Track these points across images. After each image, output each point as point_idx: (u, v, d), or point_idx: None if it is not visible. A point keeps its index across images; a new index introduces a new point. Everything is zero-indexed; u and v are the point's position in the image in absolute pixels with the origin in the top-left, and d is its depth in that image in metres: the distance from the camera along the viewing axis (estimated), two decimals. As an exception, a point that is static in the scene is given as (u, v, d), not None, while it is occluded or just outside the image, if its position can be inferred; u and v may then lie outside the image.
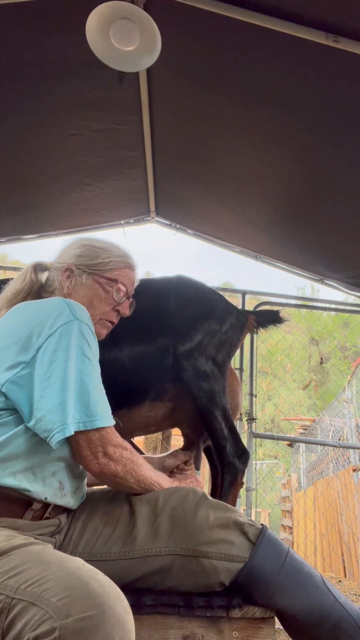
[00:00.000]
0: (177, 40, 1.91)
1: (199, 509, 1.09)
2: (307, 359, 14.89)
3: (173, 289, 1.80)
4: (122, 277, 1.30)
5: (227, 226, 3.48)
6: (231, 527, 1.08)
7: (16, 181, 2.82)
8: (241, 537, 1.07)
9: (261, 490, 8.57)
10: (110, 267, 1.29)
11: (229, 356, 1.82)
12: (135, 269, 1.36)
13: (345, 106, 1.95)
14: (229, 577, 1.05)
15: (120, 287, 1.28)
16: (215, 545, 1.05)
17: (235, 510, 1.14)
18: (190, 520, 1.07)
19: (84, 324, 1.08)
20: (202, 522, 1.07)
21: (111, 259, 1.30)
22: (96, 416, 1.01)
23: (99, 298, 1.26)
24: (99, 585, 0.74)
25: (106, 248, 1.31)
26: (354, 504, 5.30)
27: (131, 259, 1.35)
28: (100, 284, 1.27)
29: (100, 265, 1.28)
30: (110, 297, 1.27)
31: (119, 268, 1.30)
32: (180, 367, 1.65)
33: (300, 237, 3.06)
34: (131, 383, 1.64)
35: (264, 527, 1.11)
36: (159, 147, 2.77)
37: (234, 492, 1.63)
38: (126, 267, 1.32)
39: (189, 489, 1.15)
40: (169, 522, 1.08)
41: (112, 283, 1.27)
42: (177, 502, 1.10)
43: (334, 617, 1.03)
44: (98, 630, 0.69)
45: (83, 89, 2.23)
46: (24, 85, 2.14)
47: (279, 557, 1.07)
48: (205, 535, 1.05)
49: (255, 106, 2.17)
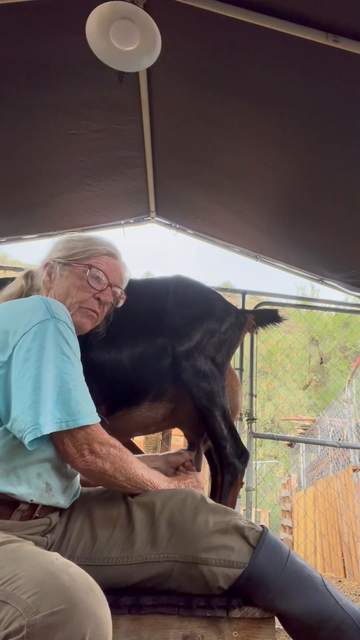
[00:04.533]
0: (177, 40, 1.91)
1: (198, 514, 1.08)
2: (307, 359, 14.89)
3: (172, 289, 1.79)
4: (100, 264, 1.26)
5: (227, 226, 3.48)
6: (231, 531, 1.07)
7: (16, 181, 2.82)
8: (241, 542, 1.06)
9: (261, 490, 8.57)
10: (87, 255, 1.26)
11: (229, 356, 1.82)
12: (117, 257, 1.32)
13: (346, 106, 1.95)
14: (229, 583, 1.05)
15: (95, 272, 1.25)
16: (214, 552, 1.04)
17: (235, 513, 1.13)
18: (189, 526, 1.06)
19: (62, 321, 1.06)
20: (201, 527, 1.06)
21: (88, 247, 1.27)
22: (79, 414, 0.99)
23: (75, 286, 1.23)
24: (69, 579, 0.73)
25: (85, 239, 1.30)
26: (354, 504, 5.30)
27: (112, 247, 1.32)
28: (77, 272, 1.24)
29: (76, 255, 1.26)
30: (87, 284, 1.23)
31: (96, 255, 1.27)
32: (179, 367, 1.64)
33: (300, 237, 3.06)
34: (130, 383, 1.64)
35: (265, 530, 1.10)
36: (159, 147, 2.77)
37: (234, 492, 1.63)
38: (106, 255, 1.29)
39: (187, 492, 1.13)
40: (167, 527, 1.07)
41: (86, 269, 1.24)
42: (175, 507, 1.09)
43: (334, 620, 1.03)
44: (67, 625, 0.68)
45: (83, 89, 2.23)
46: (24, 85, 2.14)
47: (280, 560, 1.06)
48: (205, 541, 1.04)
49: (255, 106, 2.17)
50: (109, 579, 1.06)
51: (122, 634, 1.03)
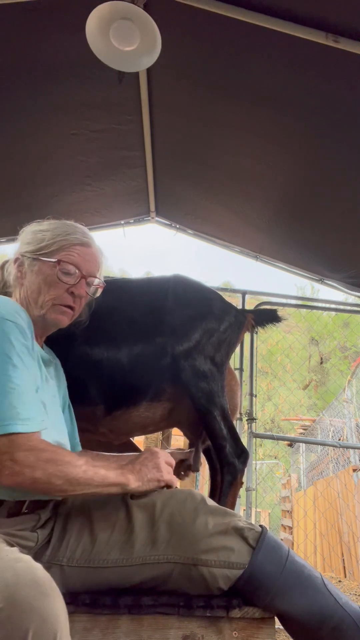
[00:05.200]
0: (177, 40, 1.91)
1: (198, 516, 1.07)
2: (307, 359, 14.88)
3: (170, 288, 1.79)
4: (70, 256, 1.20)
5: (227, 226, 3.48)
6: (230, 532, 1.06)
7: (16, 181, 2.82)
8: (241, 543, 1.06)
9: (261, 490, 8.57)
10: (56, 248, 1.20)
11: (228, 355, 1.82)
12: (90, 245, 1.25)
13: (345, 106, 1.95)
14: (229, 584, 1.05)
15: (66, 267, 1.19)
16: (214, 553, 1.04)
17: (235, 514, 1.12)
18: (189, 528, 1.05)
19: (8, 321, 1.03)
20: (201, 529, 1.05)
21: (55, 239, 1.21)
22: (10, 419, 0.93)
23: (46, 282, 1.18)
24: (13, 575, 0.72)
25: (51, 229, 1.24)
26: (354, 504, 5.30)
27: (83, 234, 1.25)
28: (46, 268, 1.19)
29: (44, 248, 1.20)
30: (58, 279, 1.18)
31: (65, 247, 1.21)
32: (178, 367, 1.64)
33: (300, 237, 3.06)
34: (129, 383, 1.64)
35: (264, 530, 1.09)
36: (159, 147, 2.77)
37: (234, 492, 1.63)
38: (76, 245, 1.23)
39: (186, 493, 1.12)
40: (167, 529, 1.07)
41: (55, 265, 1.18)
42: (175, 508, 1.09)
43: (334, 619, 1.03)
44: (7, 623, 0.67)
45: (83, 89, 2.23)
46: (24, 85, 2.14)
47: (279, 561, 1.06)
48: (204, 543, 1.04)
49: (255, 106, 2.17)
50: (109, 580, 1.06)
51: (122, 634, 1.03)
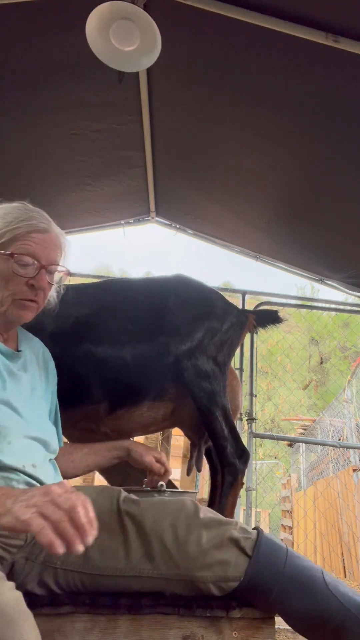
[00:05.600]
0: (177, 40, 1.91)
1: (191, 532, 1.03)
2: (307, 359, 14.88)
3: (172, 288, 1.79)
4: (26, 246, 1.11)
5: (227, 226, 3.48)
6: (226, 544, 1.03)
7: (16, 181, 2.82)
8: (237, 553, 1.03)
9: (261, 490, 8.57)
10: (8, 238, 1.11)
11: (230, 356, 1.82)
12: (47, 230, 1.15)
13: (345, 106, 1.95)
14: (225, 592, 1.04)
15: (21, 259, 1.10)
16: (210, 569, 1.01)
17: (230, 522, 1.08)
18: (182, 546, 1.02)
19: None
20: (194, 547, 1.02)
21: (7, 228, 1.11)
22: None
23: (3, 278, 1.10)
24: None
25: (1, 216, 1.14)
26: (354, 504, 5.30)
27: (37, 219, 1.15)
28: (1, 262, 1.10)
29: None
30: (14, 273, 1.09)
31: (20, 236, 1.11)
32: (180, 367, 1.64)
33: (300, 237, 3.06)
34: (132, 382, 1.64)
35: (260, 537, 1.05)
36: (159, 147, 2.77)
37: (234, 492, 1.63)
38: (31, 232, 1.12)
39: (179, 506, 1.08)
40: (160, 545, 1.04)
41: (10, 259, 1.10)
42: (167, 524, 1.05)
43: (336, 619, 1.02)
44: None
45: (83, 89, 2.23)
46: (24, 85, 2.14)
47: (277, 567, 1.03)
48: (199, 561, 1.01)
49: (255, 106, 2.17)
50: (107, 586, 1.05)
51: (122, 634, 1.03)
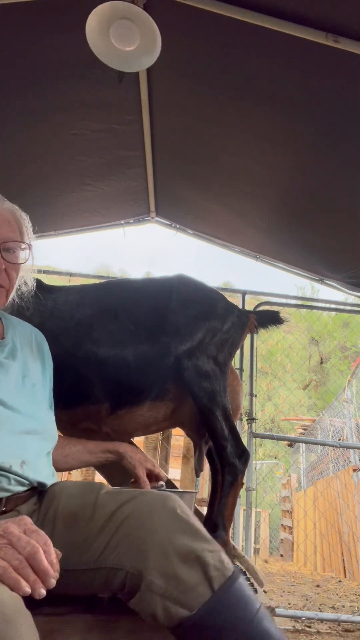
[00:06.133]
0: (177, 40, 1.91)
1: (159, 529, 0.89)
2: (307, 359, 14.88)
3: (174, 288, 1.79)
4: None
5: (227, 226, 3.48)
6: (192, 562, 0.85)
7: (16, 181, 2.82)
8: (201, 580, 0.84)
9: (261, 490, 8.57)
10: None
11: (230, 355, 1.82)
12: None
13: (345, 106, 1.95)
14: (168, 619, 0.84)
15: None
16: (163, 578, 0.84)
17: (210, 540, 0.90)
18: (145, 538, 0.88)
19: None
20: (156, 543, 0.87)
21: None
22: None
23: None
24: None
25: None
26: (354, 504, 5.30)
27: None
28: None
29: None
30: None
31: None
32: (181, 367, 1.64)
33: (300, 237, 3.06)
34: (133, 382, 1.64)
35: (233, 577, 0.85)
36: (159, 147, 2.77)
37: (234, 492, 1.63)
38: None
39: (157, 499, 0.95)
40: (125, 534, 0.91)
41: None
42: (138, 513, 0.92)
43: None
44: None
45: (83, 89, 2.23)
46: (24, 85, 2.14)
47: (241, 621, 0.82)
48: (155, 559, 0.86)
49: (255, 106, 2.17)
50: (77, 583, 0.94)
51: (122, 634, 1.03)
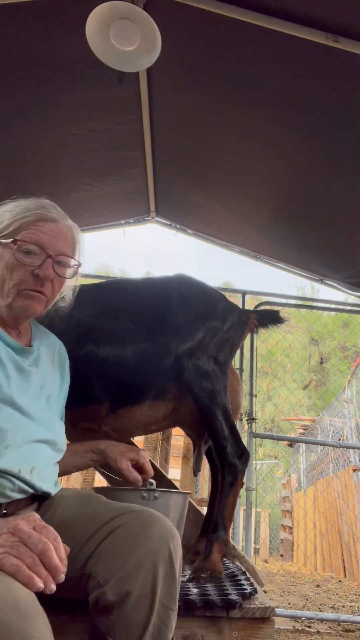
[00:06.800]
0: (177, 40, 1.91)
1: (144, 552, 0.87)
2: (307, 359, 14.88)
3: (174, 288, 1.80)
4: (31, 235, 1.06)
5: (227, 226, 3.48)
6: (146, 606, 0.86)
7: (16, 181, 2.82)
8: (141, 623, 0.85)
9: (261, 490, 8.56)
10: (16, 228, 1.07)
11: (231, 355, 1.82)
12: (56, 220, 1.11)
13: (345, 106, 1.95)
14: None
15: (24, 246, 1.05)
16: (115, 598, 0.86)
17: (175, 604, 0.90)
18: (124, 553, 0.87)
19: None
20: (133, 566, 0.86)
21: (14, 218, 1.08)
22: None
23: (8, 267, 1.06)
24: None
25: (12, 208, 1.11)
26: (354, 504, 5.30)
27: (46, 209, 1.11)
28: (7, 251, 1.06)
29: (3, 230, 1.07)
30: (18, 262, 1.05)
31: (25, 225, 1.07)
32: (181, 366, 1.64)
33: (300, 237, 3.06)
34: (132, 381, 1.64)
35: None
36: (159, 147, 2.77)
37: (234, 492, 1.63)
38: (38, 222, 1.09)
39: (157, 518, 0.94)
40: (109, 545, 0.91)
41: (12, 245, 1.05)
42: (130, 527, 0.91)
43: None
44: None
45: (83, 89, 2.23)
46: (24, 85, 2.14)
47: None
48: (122, 582, 0.86)
49: (255, 106, 2.17)
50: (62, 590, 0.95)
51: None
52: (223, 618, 1.12)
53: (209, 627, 1.12)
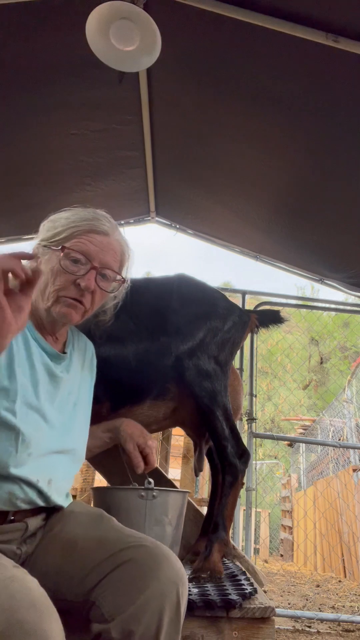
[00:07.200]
0: (177, 40, 1.91)
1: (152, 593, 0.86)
2: (307, 359, 14.88)
3: (175, 288, 1.79)
4: (80, 244, 1.07)
5: (227, 226, 3.48)
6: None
7: (16, 181, 2.82)
8: None
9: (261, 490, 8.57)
10: (66, 235, 1.08)
11: (231, 355, 1.82)
12: (108, 234, 1.12)
13: (345, 106, 1.95)
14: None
15: (72, 254, 1.06)
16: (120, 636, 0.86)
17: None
18: (133, 593, 0.86)
19: None
20: (140, 607, 0.85)
21: (67, 226, 1.09)
22: None
23: (53, 272, 1.07)
24: (7, 598, 0.69)
25: (68, 216, 1.12)
26: (354, 504, 5.30)
27: (100, 221, 1.12)
28: (54, 257, 1.08)
29: (56, 235, 1.09)
30: (63, 269, 1.06)
31: (76, 234, 1.08)
32: (182, 366, 1.64)
33: (301, 237, 3.06)
34: (133, 381, 1.64)
35: None
36: (159, 147, 2.77)
37: (235, 492, 1.63)
38: (90, 232, 1.09)
39: (166, 555, 0.93)
40: (117, 579, 0.90)
41: (59, 252, 1.06)
42: (140, 564, 0.90)
43: None
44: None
45: (83, 89, 2.23)
46: (24, 85, 2.14)
47: None
48: (129, 621, 0.85)
49: (255, 106, 2.17)
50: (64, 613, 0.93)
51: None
52: (223, 618, 1.12)
53: (209, 627, 1.12)
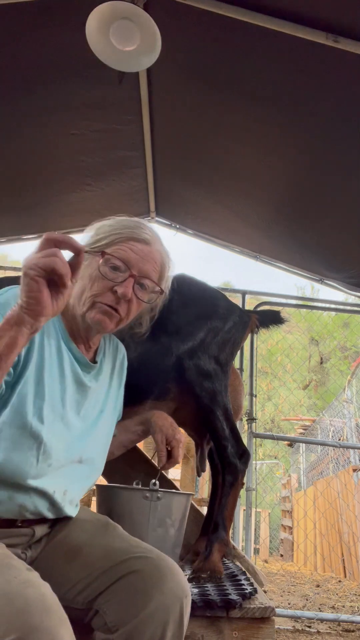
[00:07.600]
0: (177, 40, 1.91)
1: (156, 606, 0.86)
2: (307, 359, 14.88)
3: (175, 288, 1.78)
4: (120, 251, 1.06)
5: (227, 226, 3.48)
6: None
7: (16, 181, 2.82)
8: None
9: (261, 490, 8.57)
10: (108, 242, 1.08)
11: (232, 355, 1.82)
12: (149, 243, 1.10)
13: (346, 106, 1.95)
14: None
15: (111, 260, 1.05)
16: None
17: None
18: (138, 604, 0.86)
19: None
20: (144, 619, 0.85)
21: (109, 232, 1.09)
22: None
23: (91, 277, 1.06)
24: (24, 603, 0.69)
25: (110, 223, 1.12)
26: (354, 504, 5.30)
27: (142, 230, 1.10)
28: (94, 262, 1.07)
29: (97, 242, 1.09)
30: (101, 275, 1.05)
31: (117, 241, 1.08)
32: (182, 366, 1.64)
33: (300, 237, 3.06)
34: (134, 381, 1.64)
35: None
36: (159, 147, 2.78)
37: (235, 492, 1.63)
38: (131, 240, 1.08)
39: (171, 567, 0.93)
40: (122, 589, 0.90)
41: (99, 257, 1.05)
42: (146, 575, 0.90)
43: None
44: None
45: (83, 89, 2.23)
46: (24, 85, 2.14)
47: None
48: (134, 633, 0.85)
49: (255, 106, 2.17)
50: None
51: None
52: (223, 618, 1.12)
53: (209, 627, 1.12)
